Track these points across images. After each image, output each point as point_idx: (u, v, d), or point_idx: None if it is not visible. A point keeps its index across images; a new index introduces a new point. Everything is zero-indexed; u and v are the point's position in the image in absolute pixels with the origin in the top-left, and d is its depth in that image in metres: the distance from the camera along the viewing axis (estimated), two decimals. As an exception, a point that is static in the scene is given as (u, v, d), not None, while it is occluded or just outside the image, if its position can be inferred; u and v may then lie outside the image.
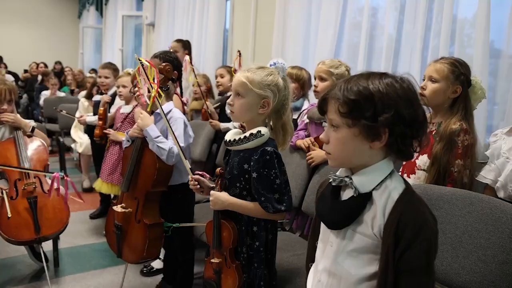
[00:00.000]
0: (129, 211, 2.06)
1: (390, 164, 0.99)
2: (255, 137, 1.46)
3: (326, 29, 3.08)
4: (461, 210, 1.45)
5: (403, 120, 0.91)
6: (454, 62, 1.75)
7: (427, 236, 0.91)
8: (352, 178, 0.99)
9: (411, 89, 0.95)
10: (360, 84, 0.93)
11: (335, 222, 1.03)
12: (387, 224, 0.93)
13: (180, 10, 5.42)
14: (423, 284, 0.93)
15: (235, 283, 1.49)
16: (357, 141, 0.95)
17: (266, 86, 1.46)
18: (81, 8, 10.38)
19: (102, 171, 2.93)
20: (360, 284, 0.99)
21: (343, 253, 1.01)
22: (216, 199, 1.52)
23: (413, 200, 0.96)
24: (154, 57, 2.29)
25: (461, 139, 1.67)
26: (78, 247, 2.96)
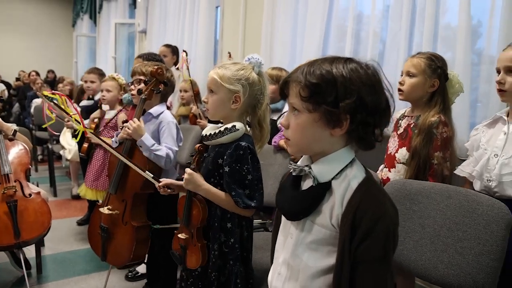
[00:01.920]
0: (116, 213, 2.04)
1: (351, 153, 0.97)
2: (230, 132, 1.45)
3: (312, 33, 3.10)
4: (440, 204, 1.45)
5: (365, 107, 0.88)
6: (431, 56, 1.77)
7: (385, 227, 0.88)
8: (312, 167, 0.96)
9: (376, 76, 0.92)
10: (323, 68, 0.90)
11: (293, 213, 1.00)
12: (345, 214, 0.90)
13: (171, 17, 5.45)
14: (379, 276, 0.90)
15: (198, 261, 1.49)
16: (317, 127, 0.92)
17: (237, 81, 1.45)
18: (75, 16, 10.42)
19: (87, 177, 2.90)
20: (319, 277, 0.97)
21: (302, 245, 0.99)
22: (191, 179, 1.49)
23: (372, 189, 0.93)
24: (138, 57, 2.30)
25: (439, 131, 1.68)
26: (63, 253, 2.92)
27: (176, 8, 5.31)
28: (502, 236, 1.27)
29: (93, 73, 3.50)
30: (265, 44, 3.57)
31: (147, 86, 2.00)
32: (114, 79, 2.88)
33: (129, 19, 7.16)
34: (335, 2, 3.00)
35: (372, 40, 2.71)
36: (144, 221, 2.06)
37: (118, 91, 2.88)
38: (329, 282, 0.95)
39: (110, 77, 2.91)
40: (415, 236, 1.48)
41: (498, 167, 1.50)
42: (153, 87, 2.00)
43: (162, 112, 2.10)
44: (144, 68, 2.06)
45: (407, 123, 1.82)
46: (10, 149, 2.37)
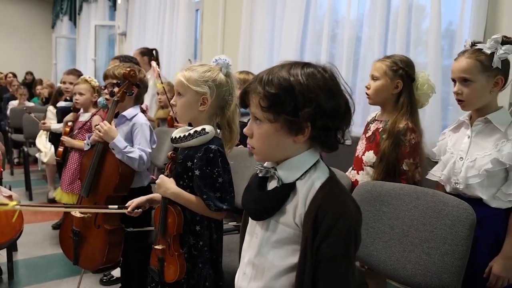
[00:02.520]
0: (89, 216, 2.02)
1: (315, 155, 0.98)
2: (199, 135, 1.45)
3: (290, 36, 3.13)
4: (408, 205, 1.48)
5: (324, 113, 0.90)
6: (394, 59, 1.80)
7: (347, 225, 0.90)
8: (277, 168, 0.98)
9: (333, 79, 0.93)
10: (280, 77, 0.90)
11: (258, 213, 1.01)
12: (307, 213, 0.92)
13: (151, 20, 5.43)
14: (341, 274, 0.91)
15: (176, 272, 1.46)
16: (280, 136, 0.93)
17: (204, 83, 1.46)
18: (55, 18, 10.27)
19: (62, 180, 2.85)
20: (283, 276, 0.98)
21: (267, 244, 1.00)
22: (161, 184, 1.49)
23: (334, 189, 0.94)
24: (114, 58, 2.28)
25: (408, 138, 1.70)
26: (36, 258, 2.86)
27: (155, 11, 5.29)
28: (466, 236, 1.30)
29: (72, 74, 3.45)
30: (244, 47, 3.58)
31: (119, 88, 1.98)
32: (86, 82, 2.83)
33: (109, 21, 7.10)
34: (312, 6, 3.04)
35: (347, 44, 2.75)
36: (117, 224, 2.04)
37: (91, 94, 2.84)
38: (293, 280, 0.96)
39: (83, 80, 2.86)
40: (384, 237, 1.51)
41: (464, 170, 1.52)
42: (125, 89, 1.99)
43: (135, 114, 2.10)
44: (116, 71, 2.05)
45: (376, 127, 1.84)
46: (-19, 152, 2.33)
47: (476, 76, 1.49)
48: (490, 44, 1.47)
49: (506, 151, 1.44)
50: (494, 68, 1.47)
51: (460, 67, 1.53)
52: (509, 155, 1.43)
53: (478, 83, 1.50)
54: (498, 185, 1.48)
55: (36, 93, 6.73)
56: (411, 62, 1.81)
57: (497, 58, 1.46)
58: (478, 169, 1.48)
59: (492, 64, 1.46)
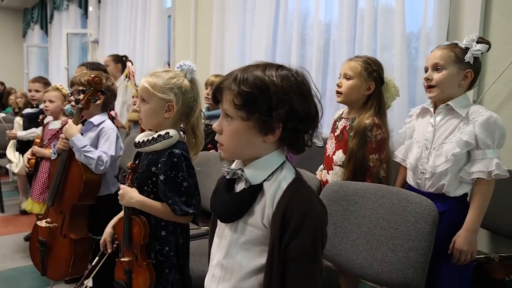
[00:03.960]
0: (54, 226, 1.99)
1: (282, 156, 0.99)
2: (163, 139, 1.44)
3: (260, 39, 3.17)
4: (374, 204, 1.49)
5: (296, 115, 0.91)
6: (367, 60, 1.81)
7: (313, 224, 0.90)
8: (244, 170, 0.98)
9: (305, 83, 0.95)
10: (256, 76, 0.91)
11: (227, 215, 1.01)
12: (275, 213, 0.92)
13: (123, 27, 5.40)
14: (308, 273, 0.91)
15: (146, 282, 1.44)
16: (250, 134, 0.94)
17: (169, 90, 1.44)
18: (26, 27, 10.07)
19: (33, 190, 2.79)
20: (252, 277, 0.98)
21: (236, 245, 1.00)
22: (124, 194, 1.46)
23: (300, 189, 0.95)
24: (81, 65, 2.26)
25: (374, 134, 1.71)
26: (7, 270, 2.80)
27: (127, 18, 5.26)
28: (428, 232, 1.32)
29: (37, 82, 3.40)
30: (216, 51, 3.60)
31: (84, 95, 1.96)
32: (57, 90, 2.80)
33: (81, 29, 7.01)
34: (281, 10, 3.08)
35: (317, 47, 2.79)
36: (84, 234, 2.01)
37: (62, 102, 2.81)
38: (261, 281, 0.96)
39: (54, 88, 2.83)
40: (352, 235, 1.53)
41: (432, 159, 1.56)
42: (90, 96, 1.96)
43: (103, 121, 2.07)
44: (82, 78, 2.02)
45: (343, 125, 1.85)
46: None
47: (448, 64, 1.55)
48: (467, 41, 1.54)
49: (468, 130, 1.48)
50: (466, 62, 1.53)
51: (434, 55, 1.59)
52: (471, 133, 1.47)
53: (448, 71, 1.55)
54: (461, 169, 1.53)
55: (9, 103, 6.58)
56: (381, 65, 1.84)
57: (470, 53, 1.52)
58: (446, 155, 1.52)
59: (465, 57, 1.53)
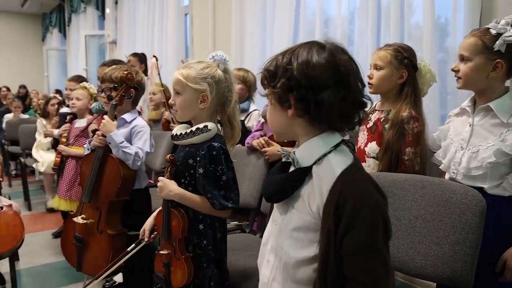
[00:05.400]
0: (91, 222, 2.01)
1: (333, 138, 0.94)
2: (202, 132, 1.44)
3: (281, 35, 3.15)
4: (414, 195, 1.44)
5: (298, 83, 0.89)
6: (397, 48, 1.75)
7: (370, 214, 0.84)
8: (295, 151, 0.97)
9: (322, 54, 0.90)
10: (278, 57, 0.95)
11: (270, 195, 1.02)
12: (327, 202, 0.87)
13: (140, 27, 5.44)
14: (369, 264, 0.85)
15: (184, 276, 1.44)
16: (277, 111, 0.97)
17: (202, 80, 1.43)
18: (45, 31, 10.28)
19: (60, 187, 2.86)
20: (299, 268, 0.94)
21: (284, 232, 0.97)
22: (164, 186, 1.46)
23: (356, 176, 0.89)
24: (103, 65, 2.28)
25: (411, 127, 1.66)
26: (38, 266, 2.86)
27: (144, 18, 5.31)
28: (477, 224, 1.27)
29: (73, 80, 3.46)
30: (235, 48, 3.59)
31: (117, 92, 1.97)
32: (85, 88, 2.88)
33: (98, 31, 7.10)
34: (302, 5, 3.06)
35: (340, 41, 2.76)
36: (120, 229, 2.04)
37: (88, 100, 2.87)
38: (311, 273, 0.93)
39: (81, 86, 2.90)
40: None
41: (466, 160, 1.48)
42: (123, 92, 1.98)
43: (135, 118, 2.09)
44: (113, 74, 2.03)
45: (377, 117, 1.80)
46: (-21, 163, 2.33)
47: (474, 55, 1.44)
48: (500, 25, 1.38)
49: (510, 141, 1.37)
50: (495, 50, 1.39)
51: (462, 45, 1.49)
52: None
53: (474, 63, 1.45)
54: (503, 174, 1.42)
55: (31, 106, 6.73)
56: (413, 50, 1.77)
57: (501, 40, 1.37)
58: (481, 162, 1.43)
59: (494, 46, 1.39)
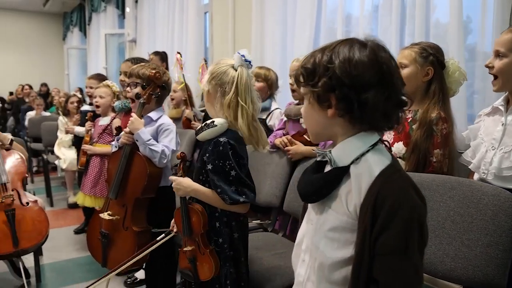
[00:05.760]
0: (117, 218, 2.03)
1: (371, 137, 0.93)
2: (208, 127, 1.46)
3: (302, 34, 3.14)
4: (442, 196, 1.42)
5: (341, 82, 0.86)
6: (423, 46, 1.73)
7: (407, 216, 0.82)
8: (332, 151, 0.96)
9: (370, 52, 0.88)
10: (316, 55, 0.92)
11: (307, 195, 1.00)
12: (365, 202, 0.86)
13: (160, 25, 5.48)
14: (400, 270, 0.83)
15: (211, 269, 1.45)
16: (315, 111, 0.94)
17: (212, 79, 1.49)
18: (65, 30, 10.46)
19: (84, 184, 2.89)
20: (335, 269, 0.93)
21: (320, 232, 0.96)
22: (179, 185, 1.50)
23: (395, 176, 0.88)
24: (126, 61, 2.29)
25: (439, 128, 1.63)
26: (61, 261, 2.91)
27: (164, 16, 5.34)
28: (510, 226, 1.24)
29: (93, 78, 3.52)
30: (256, 46, 3.59)
31: (145, 90, 1.99)
32: (108, 86, 2.92)
33: (118, 29, 7.18)
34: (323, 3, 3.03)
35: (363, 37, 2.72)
36: (145, 226, 2.06)
37: (111, 98, 2.91)
38: (348, 274, 0.91)
39: (104, 84, 2.94)
40: (419, 230, 1.47)
41: (497, 160, 1.44)
42: (151, 91, 1.99)
43: (161, 116, 2.10)
44: (141, 71, 2.04)
45: (404, 118, 1.74)
46: (7, 159, 2.37)
47: (509, 52, 1.41)
48: None
49: None
50: None
51: (499, 40, 1.46)
52: None
53: (509, 59, 1.41)
54: None
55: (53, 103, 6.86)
56: (440, 48, 1.74)
57: None
58: None
59: None
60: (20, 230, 2.16)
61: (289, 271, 1.62)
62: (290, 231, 2.22)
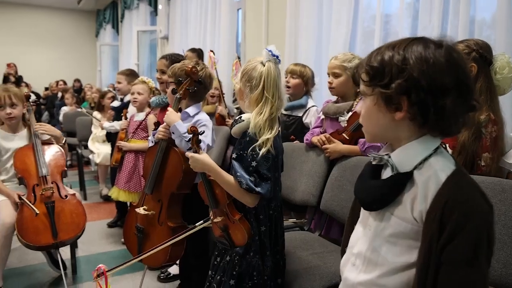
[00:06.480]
0: (152, 214, 2.04)
1: (434, 141, 0.89)
2: (236, 123, 1.50)
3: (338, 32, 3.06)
4: (492, 199, 1.35)
5: (419, 86, 0.82)
6: (466, 43, 1.67)
7: (477, 225, 0.80)
8: (391, 155, 0.92)
9: (446, 54, 0.83)
10: (385, 53, 0.87)
11: (368, 202, 0.96)
12: (431, 209, 0.83)
13: (193, 22, 5.50)
14: (467, 278, 0.80)
15: (244, 235, 1.48)
16: (379, 112, 0.90)
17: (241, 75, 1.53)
18: (98, 27, 10.68)
19: (119, 179, 2.93)
20: (396, 274, 0.91)
21: (380, 238, 0.93)
22: (195, 161, 1.52)
23: (463, 183, 0.85)
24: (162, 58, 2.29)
25: (489, 131, 1.56)
26: (95, 255, 2.96)
27: (197, 13, 5.35)
28: None
29: (121, 74, 3.58)
30: (289, 43, 3.53)
31: (181, 85, 1.98)
32: (144, 83, 2.95)
33: (150, 26, 7.27)
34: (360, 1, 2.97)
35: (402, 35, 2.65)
36: (180, 222, 2.06)
37: (148, 94, 2.94)
38: (408, 279, 0.89)
39: (141, 81, 2.97)
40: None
41: None
42: (187, 86, 1.98)
43: (198, 112, 2.09)
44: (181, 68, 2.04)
45: None
46: (46, 152, 2.43)
47: None
48: None
49: None
50: None
51: None
52: None
53: None
54: None
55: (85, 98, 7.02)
56: (487, 45, 1.66)
57: None
58: None
59: None
60: (59, 223, 2.21)
61: (329, 272, 1.60)
62: (326, 230, 2.18)
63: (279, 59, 1.53)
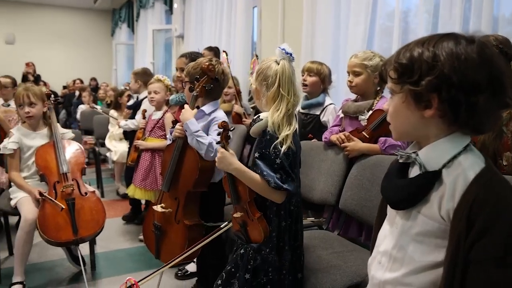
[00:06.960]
0: (169, 211, 2.06)
1: (464, 138, 0.88)
2: (255, 122, 1.52)
3: (356, 28, 3.03)
4: None
5: (451, 83, 0.80)
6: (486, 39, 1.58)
7: (508, 223, 0.78)
8: (419, 153, 0.91)
9: (477, 50, 0.81)
10: (414, 49, 0.86)
11: (396, 201, 0.95)
12: (459, 207, 0.82)
13: (208, 20, 5.51)
14: (496, 278, 0.79)
15: (261, 234, 1.50)
16: (408, 109, 0.88)
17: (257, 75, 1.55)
18: (114, 26, 10.79)
19: (136, 177, 2.96)
20: (423, 272, 0.90)
21: (407, 236, 0.92)
22: (223, 158, 1.54)
23: (493, 181, 0.83)
24: (181, 56, 2.30)
25: (510, 129, 1.53)
26: (113, 251, 2.99)
27: (212, 11, 5.37)
28: None
29: (132, 73, 3.62)
30: (306, 41, 3.51)
31: (198, 83, 1.98)
32: (160, 81, 2.95)
33: (166, 25, 7.31)
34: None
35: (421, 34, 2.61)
36: (197, 220, 2.06)
37: (165, 92, 2.95)
38: (435, 278, 0.88)
39: (156, 79, 2.98)
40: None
41: None
42: (204, 83, 1.98)
43: (215, 110, 2.08)
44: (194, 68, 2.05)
45: None
46: (67, 149, 2.46)
47: None
48: None
49: None
50: None
51: None
52: None
53: None
54: None
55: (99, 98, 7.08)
56: (507, 40, 1.63)
57: None
58: None
59: None
60: (79, 219, 2.23)
61: (350, 271, 1.59)
62: (344, 230, 2.16)
63: (293, 57, 1.55)
